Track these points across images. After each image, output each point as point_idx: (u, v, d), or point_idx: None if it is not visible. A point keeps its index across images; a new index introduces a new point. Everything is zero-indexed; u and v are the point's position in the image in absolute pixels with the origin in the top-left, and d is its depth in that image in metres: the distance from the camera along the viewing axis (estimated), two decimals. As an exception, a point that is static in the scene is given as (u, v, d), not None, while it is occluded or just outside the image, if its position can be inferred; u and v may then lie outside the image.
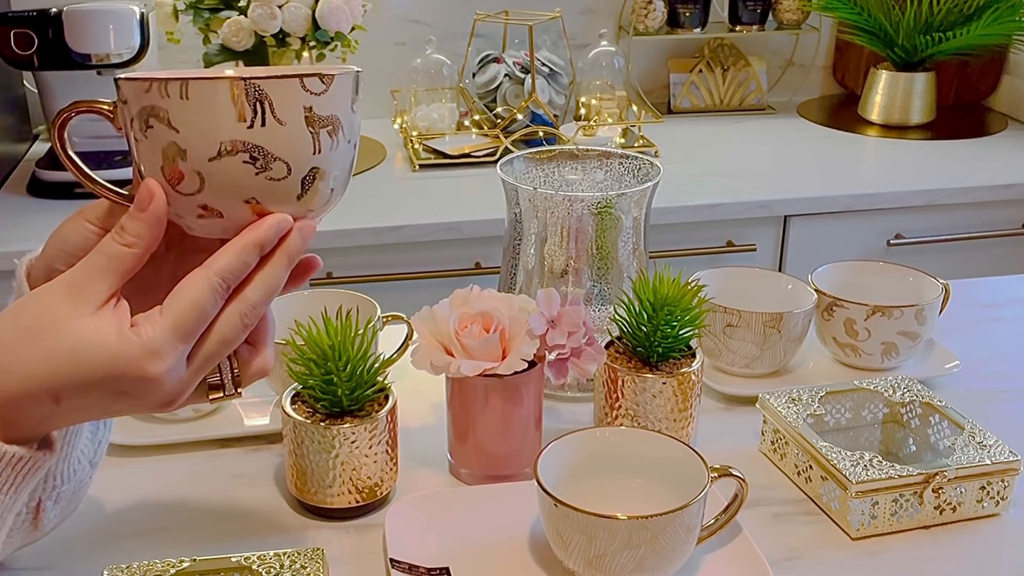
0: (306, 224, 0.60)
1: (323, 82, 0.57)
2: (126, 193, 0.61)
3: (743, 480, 0.77)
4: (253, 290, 0.58)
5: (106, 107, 0.61)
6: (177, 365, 0.57)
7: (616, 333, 0.93)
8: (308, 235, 0.60)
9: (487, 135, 1.97)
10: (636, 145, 1.97)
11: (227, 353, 0.59)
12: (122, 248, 0.57)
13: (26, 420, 0.56)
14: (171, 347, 0.56)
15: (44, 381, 0.55)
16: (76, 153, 0.62)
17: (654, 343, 0.89)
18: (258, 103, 0.56)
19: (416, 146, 1.95)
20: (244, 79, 0.55)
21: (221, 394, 0.62)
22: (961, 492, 0.82)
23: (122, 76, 0.58)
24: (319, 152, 0.58)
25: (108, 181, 0.61)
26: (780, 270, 1.81)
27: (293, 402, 0.83)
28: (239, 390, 0.62)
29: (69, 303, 0.56)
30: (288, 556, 0.72)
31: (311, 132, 0.57)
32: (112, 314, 0.56)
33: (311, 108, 0.57)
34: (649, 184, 0.98)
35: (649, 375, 0.88)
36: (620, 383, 0.89)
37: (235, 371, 0.61)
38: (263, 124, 0.56)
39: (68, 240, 0.63)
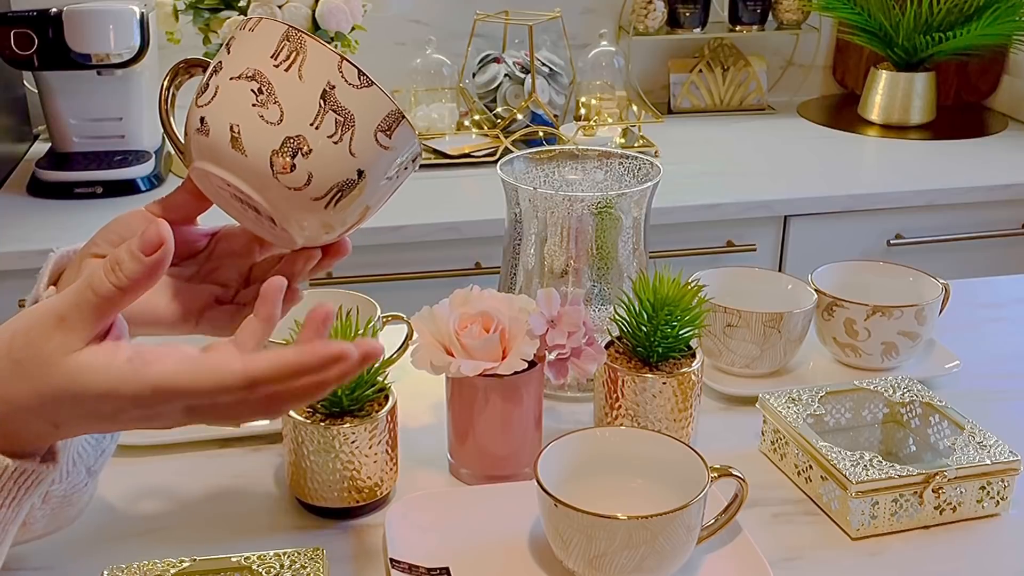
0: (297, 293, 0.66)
1: (359, 78, 0.60)
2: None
3: (743, 480, 0.77)
4: (265, 366, 0.56)
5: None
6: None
7: (616, 333, 0.93)
8: (297, 299, 0.67)
9: (487, 135, 1.97)
10: (636, 145, 1.97)
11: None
12: (112, 289, 0.55)
13: (26, 435, 0.57)
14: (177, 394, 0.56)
15: (41, 412, 0.56)
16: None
17: (654, 343, 0.89)
18: (295, 52, 0.59)
19: (416, 146, 1.94)
20: (299, 31, 0.60)
21: None
22: (961, 492, 0.82)
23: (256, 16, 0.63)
24: (316, 127, 0.59)
25: (107, 182, 0.63)
26: (780, 270, 1.81)
27: (293, 402, 0.83)
28: None
29: (59, 337, 0.55)
30: (288, 556, 0.72)
31: (320, 105, 0.59)
32: (100, 344, 0.56)
33: (334, 87, 0.59)
34: (649, 184, 0.98)
35: (649, 375, 0.88)
36: (620, 383, 0.89)
37: None
38: (287, 69, 0.59)
39: (122, 221, 0.65)
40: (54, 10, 1.68)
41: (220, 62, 0.61)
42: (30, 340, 0.55)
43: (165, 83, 0.68)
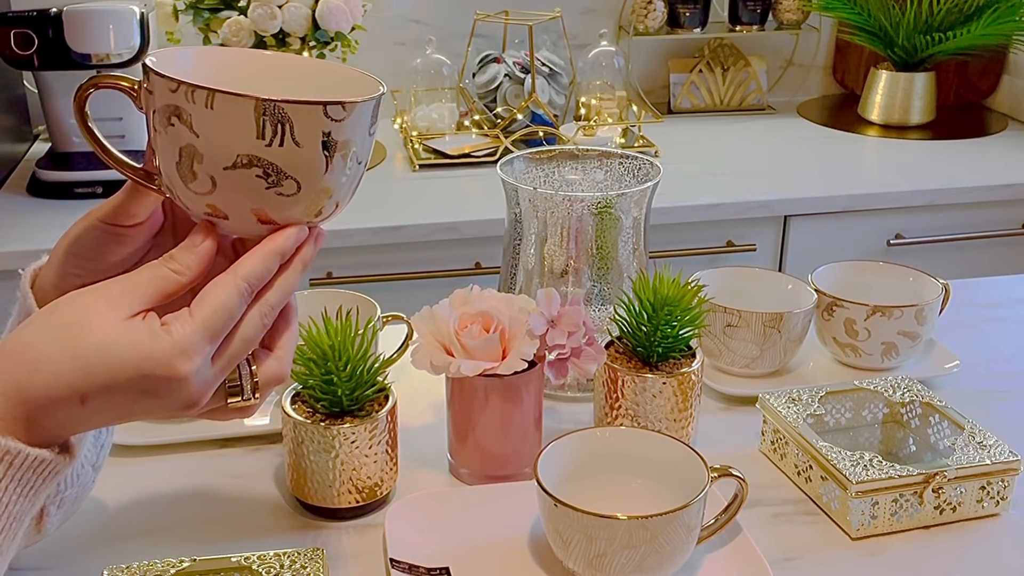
0: (321, 235, 0.63)
1: (344, 109, 0.58)
2: (140, 167, 0.62)
3: (743, 480, 0.77)
4: (273, 293, 0.60)
5: (128, 85, 0.61)
6: (203, 365, 0.57)
7: (616, 333, 0.93)
8: (321, 243, 0.63)
9: (487, 135, 1.97)
10: (636, 145, 1.97)
11: (247, 353, 0.60)
12: (169, 272, 0.59)
13: (50, 422, 0.56)
14: (200, 346, 0.57)
15: (71, 380, 0.55)
16: (96, 126, 0.64)
17: (654, 343, 0.89)
18: (279, 124, 0.56)
19: (416, 146, 1.95)
20: (269, 101, 0.56)
21: (240, 399, 0.62)
22: (961, 492, 0.82)
23: (152, 66, 0.58)
24: (330, 172, 0.59)
25: (107, 182, 0.62)
26: (780, 270, 1.81)
27: (293, 402, 0.83)
28: (257, 395, 0.62)
29: (103, 305, 0.56)
30: (288, 556, 0.72)
31: (326, 155, 0.58)
32: (143, 321, 0.57)
33: (329, 133, 0.58)
34: (649, 184, 0.98)
35: (649, 375, 0.88)
36: (620, 383, 0.89)
37: (254, 376, 0.62)
38: (280, 144, 0.57)
39: (80, 242, 0.64)
40: (54, 10, 1.68)
41: (190, 145, 0.57)
42: (72, 307, 0.57)
43: (76, 106, 0.63)
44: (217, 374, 0.59)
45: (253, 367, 0.62)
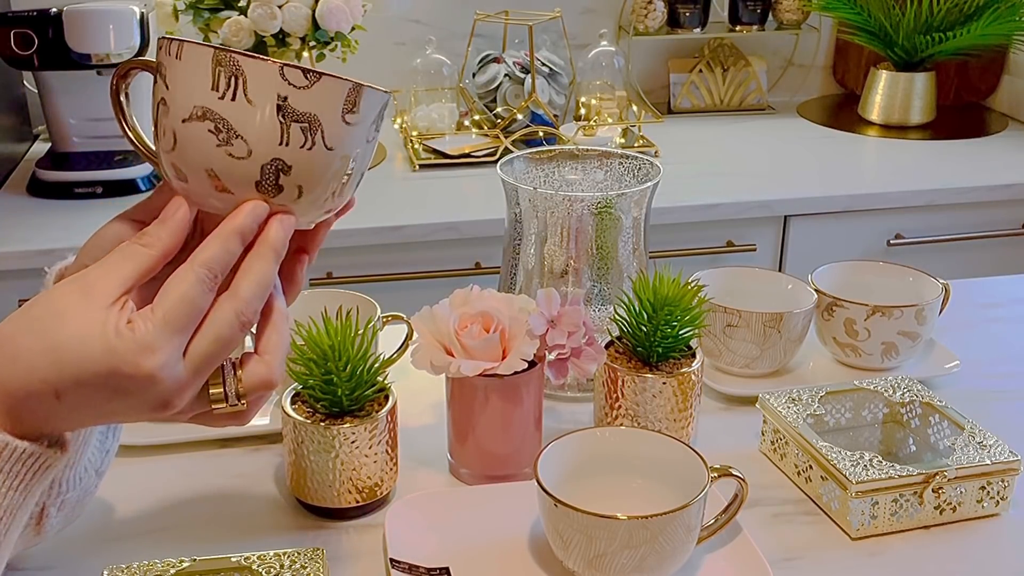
0: (287, 217, 0.59)
1: (306, 77, 0.57)
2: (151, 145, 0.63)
3: (743, 480, 0.77)
4: (244, 284, 0.58)
5: (154, 65, 0.61)
6: (172, 361, 0.56)
7: (616, 333, 0.93)
8: (289, 226, 0.59)
9: (487, 135, 1.97)
10: (636, 145, 1.97)
11: (225, 354, 0.58)
12: (138, 247, 0.57)
13: (31, 416, 0.56)
14: (163, 341, 0.55)
15: (45, 374, 0.55)
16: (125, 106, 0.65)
17: (654, 343, 0.89)
18: (233, 77, 0.56)
19: (416, 146, 1.95)
20: (227, 51, 0.56)
21: (224, 404, 0.60)
22: (961, 492, 0.82)
23: (165, 35, 0.60)
24: (286, 144, 0.57)
25: (108, 182, 0.62)
26: (780, 270, 1.81)
27: (293, 402, 0.83)
28: (242, 400, 0.60)
29: (78, 296, 0.56)
30: (288, 556, 0.72)
31: (280, 122, 0.57)
32: (119, 311, 0.56)
33: (286, 98, 0.57)
34: (649, 184, 0.98)
35: (649, 375, 0.88)
36: (620, 383, 0.89)
37: (239, 380, 0.60)
38: (233, 98, 0.56)
39: (106, 240, 0.63)
40: (54, 10, 1.68)
41: (163, 99, 0.58)
42: (50, 299, 0.56)
43: (113, 91, 0.64)
44: (192, 373, 0.57)
45: (239, 372, 0.60)
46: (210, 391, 0.60)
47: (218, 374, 0.60)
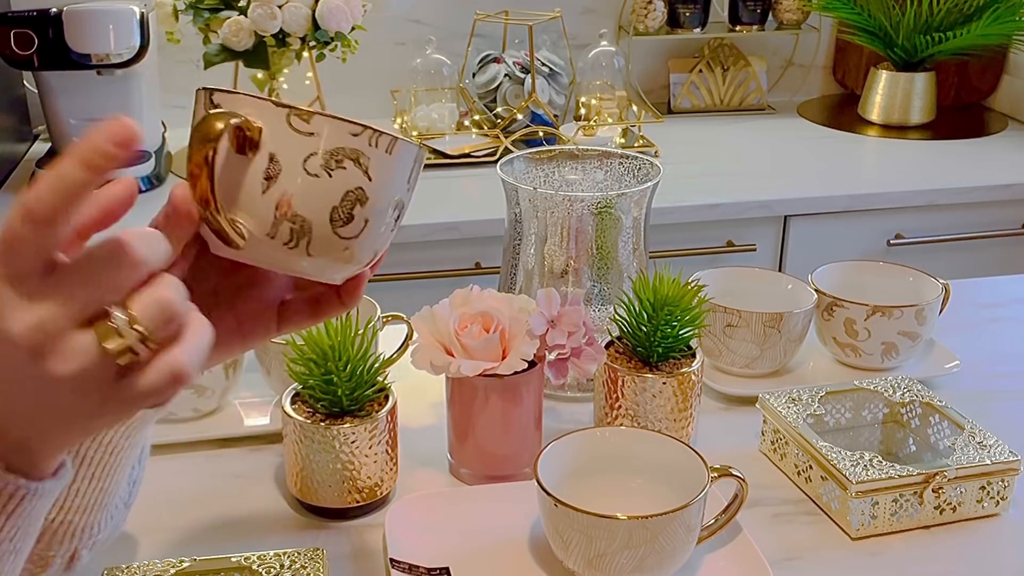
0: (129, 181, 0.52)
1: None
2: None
3: (743, 480, 0.77)
4: (41, 182, 0.48)
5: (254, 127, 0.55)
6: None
7: (616, 333, 0.93)
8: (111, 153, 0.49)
9: (487, 135, 1.97)
10: (636, 145, 1.97)
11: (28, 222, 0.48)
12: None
13: None
14: None
15: None
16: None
17: (654, 343, 0.89)
18: (416, 171, 0.60)
19: (416, 146, 1.94)
20: (423, 147, 0.60)
21: (128, 354, 0.49)
22: (961, 492, 0.82)
23: (315, 111, 0.54)
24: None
25: (107, 182, 0.59)
26: (780, 270, 1.81)
27: (293, 402, 0.83)
28: (149, 344, 0.49)
29: None
30: (288, 556, 0.72)
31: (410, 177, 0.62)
32: None
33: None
34: (649, 184, 0.98)
35: (649, 375, 0.88)
36: (620, 383, 0.89)
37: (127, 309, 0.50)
38: (411, 190, 0.61)
39: None
40: (54, 10, 1.68)
41: (362, 189, 0.56)
42: None
43: (209, 158, 0.53)
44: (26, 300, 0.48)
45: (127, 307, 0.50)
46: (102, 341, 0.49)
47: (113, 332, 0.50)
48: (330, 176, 0.55)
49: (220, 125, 0.53)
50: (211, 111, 0.54)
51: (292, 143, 0.54)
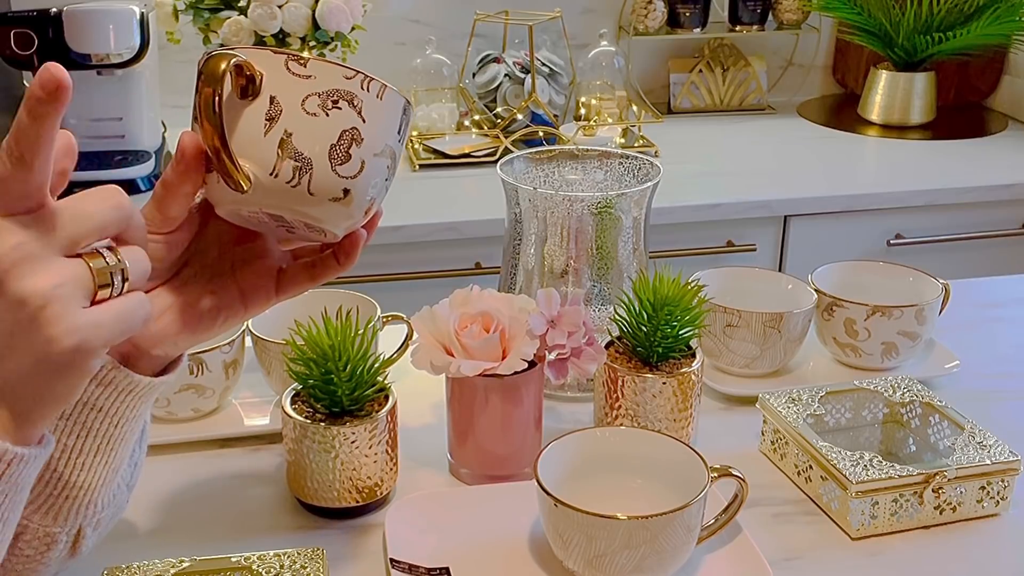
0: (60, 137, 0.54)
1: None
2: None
3: (743, 480, 0.77)
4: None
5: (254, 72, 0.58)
6: None
7: (616, 333, 0.93)
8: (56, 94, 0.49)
9: (487, 135, 1.97)
10: (636, 145, 1.97)
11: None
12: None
13: None
14: None
15: None
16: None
17: (654, 343, 0.89)
18: (407, 123, 0.63)
19: (416, 146, 1.95)
20: (408, 100, 0.63)
21: (107, 277, 0.52)
22: (961, 492, 0.82)
23: (311, 57, 0.59)
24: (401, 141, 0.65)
25: (108, 182, 0.59)
26: (780, 270, 1.81)
27: (293, 402, 0.83)
28: (125, 280, 0.53)
29: None
30: (288, 556, 0.72)
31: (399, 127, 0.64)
32: None
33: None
34: (649, 184, 0.98)
35: (649, 375, 0.88)
36: (620, 383, 0.89)
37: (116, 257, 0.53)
38: (401, 140, 0.63)
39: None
40: (54, 10, 1.68)
41: (355, 127, 0.59)
42: None
43: (215, 96, 0.57)
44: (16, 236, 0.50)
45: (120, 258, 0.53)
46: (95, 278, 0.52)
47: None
48: (327, 115, 0.59)
49: (223, 64, 0.57)
50: (213, 52, 0.58)
51: (291, 85, 0.58)
